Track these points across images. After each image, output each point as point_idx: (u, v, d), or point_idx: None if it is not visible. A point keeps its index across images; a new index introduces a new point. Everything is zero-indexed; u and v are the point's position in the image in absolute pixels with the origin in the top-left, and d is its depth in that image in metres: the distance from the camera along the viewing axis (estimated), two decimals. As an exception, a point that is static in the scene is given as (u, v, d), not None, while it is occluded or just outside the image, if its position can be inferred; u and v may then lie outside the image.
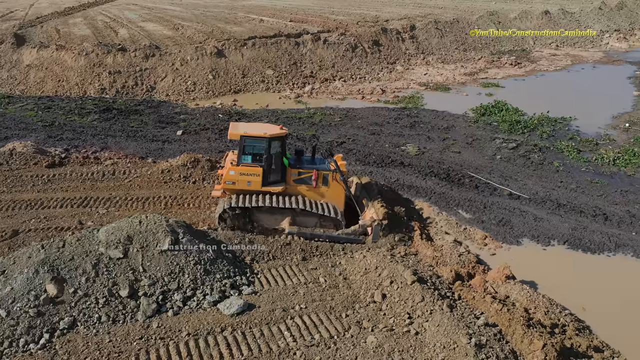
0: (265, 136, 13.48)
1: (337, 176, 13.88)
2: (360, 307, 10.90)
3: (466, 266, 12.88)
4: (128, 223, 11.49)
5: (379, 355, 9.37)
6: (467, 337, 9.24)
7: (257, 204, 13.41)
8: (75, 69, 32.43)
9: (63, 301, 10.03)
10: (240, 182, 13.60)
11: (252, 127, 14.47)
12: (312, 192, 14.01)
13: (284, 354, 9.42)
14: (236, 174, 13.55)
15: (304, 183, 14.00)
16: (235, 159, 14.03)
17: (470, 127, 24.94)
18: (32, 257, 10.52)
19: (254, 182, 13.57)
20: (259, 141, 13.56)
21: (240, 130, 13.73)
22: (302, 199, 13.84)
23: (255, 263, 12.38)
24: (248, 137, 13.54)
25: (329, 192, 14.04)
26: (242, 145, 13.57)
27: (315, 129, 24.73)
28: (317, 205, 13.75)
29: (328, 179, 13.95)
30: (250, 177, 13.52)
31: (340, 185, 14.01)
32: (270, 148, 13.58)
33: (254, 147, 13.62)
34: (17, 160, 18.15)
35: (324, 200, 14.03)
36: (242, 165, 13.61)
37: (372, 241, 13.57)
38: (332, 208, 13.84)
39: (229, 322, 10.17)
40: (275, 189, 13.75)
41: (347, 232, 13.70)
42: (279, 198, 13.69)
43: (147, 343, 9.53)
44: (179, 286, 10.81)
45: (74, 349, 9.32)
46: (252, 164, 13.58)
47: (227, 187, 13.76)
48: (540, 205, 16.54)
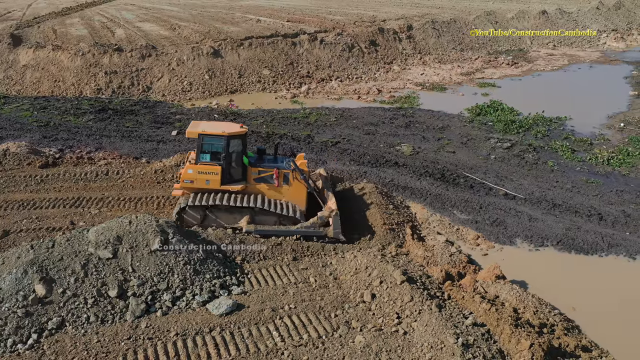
0: (223, 134, 13.39)
1: (297, 175, 13.81)
2: (349, 307, 10.90)
3: (457, 266, 12.89)
4: (118, 223, 11.49)
5: (367, 355, 9.37)
6: (455, 337, 9.24)
7: (214, 202, 13.33)
8: (71, 69, 32.42)
9: (52, 301, 10.03)
10: (199, 181, 13.57)
11: (212, 125, 14.34)
12: (273, 191, 13.96)
13: (272, 354, 9.42)
14: (194, 172, 13.51)
15: (264, 182, 13.95)
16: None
17: (465, 127, 24.94)
18: (21, 258, 10.52)
19: (212, 181, 13.53)
20: (217, 139, 13.50)
21: (199, 128, 13.63)
22: (262, 198, 13.77)
23: (246, 263, 12.38)
24: (206, 135, 13.45)
25: (291, 191, 13.99)
26: (200, 143, 13.50)
27: (310, 129, 24.73)
28: (276, 204, 13.68)
29: (289, 178, 13.90)
30: (209, 175, 13.48)
31: (302, 184, 13.95)
32: (229, 146, 13.51)
33: (212, 145, 13.55)
34: (11, 160, 18.16)
35: (285, 199, 13.98)
36: (200, 163, 13.56)
37: (333, 232, 13.45)
38: (292, 207, 13.78)
39: (218, 322, 10.17)
40: (234, 187, 13.68)
41: (305, 225, 13.53)
42: (237, 197, 13.62)
43: (135, 343, 9.53)
44: (168, 286, 10.81)
45: (62, 349, 9.32)
46: (211, 162, 13.53)
47: (186, 186, 13.69)
48: (536, 206, 16.54)
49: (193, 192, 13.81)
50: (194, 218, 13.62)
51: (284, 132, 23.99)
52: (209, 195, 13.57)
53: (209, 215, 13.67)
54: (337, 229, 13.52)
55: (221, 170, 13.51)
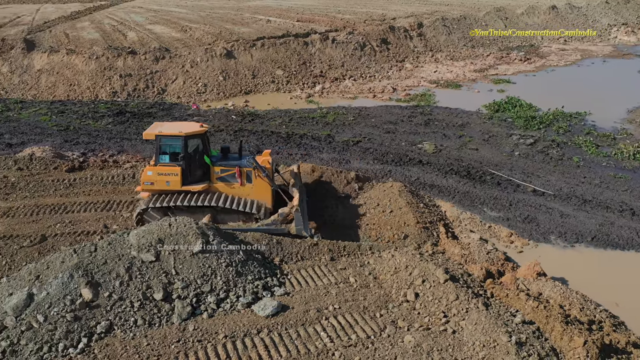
0: (180, 135, 13.17)
1: (259, 173, 13.61)
2: (393, 307, 10.85)
3: (495, 264, 12.82)
4: (158, 226, 11.48)
5: (418, 354, 9.32)
6: (507, 335, 9.18)
7: (174, 203, 13.14)
8: (86, 72, 32.50)
9: (98, 305, 10.03)
10: (159, 183, 13.36)
11: (171, 126, 14.04)
12: (237, 189, 13.78)
13: (323, 355, 9.38)
14: (154, 174, 13.30)
15: (227, 180, 13.77)
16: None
17: (485, 124, 24.84)
18: (65, 262, 10.53)
19: (172, 182, 13.31)
20: (175, 140, 13.26)
21: (156, 130, 13.40)
22: (223, 197, 13.58)
23: (284, 264, 12.35)
24: (163, 136, 13.26)
25: (255, 188, 13.79)
26: (158, 145, 13.31)
27: (330, 128, 24.69)
28: (239, 202, 13.49)
29: (251, 176, 13.71)
30: (169, 176, 13.27)
31: (265, 182, 13.79)
32: (188, 146, 13.32)
33: (170, 146, 13.35)
34: (37, 165, 18.21)
35: (251, 197, 13.78)
36: (159, 165, 13.36)
37: (295, 228, 13.23)
38: (254, 205, 13.58)
39: (265, 323, 10.14)
40: (196, 187, 13.48)
41: (266, 222, 13.34)
42: (199, 197, 13.44)
43: (185, 346, 9.51)
44: (212, 288, 10.79)
45: (113, 352, 9.31)
46: (170, 163, 13.32)
47: (146, 188, 13.49)
48: (566, 202, 16.44)
49: (155, 193, 13.56)
50: (154, 220, 13.25)
51: (303, 132, 23.96)
52: (170, 197, 13.36)
53: (170, 216, 13.30)
54: (300, 226, 13.23)
55: (181, 171, 13.26)
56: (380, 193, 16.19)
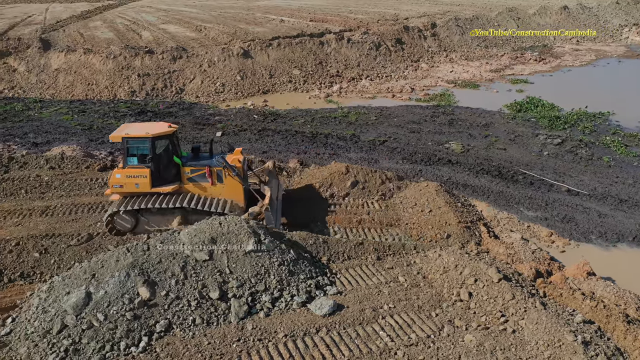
0: (147, 136, 12.92)
1: (230, 172, 13.42)
2: (447, 306, 10.81)
3: (542, 263, 12.78)
4: (209, 225, 11.44)
5: (482, 354, 9.29)
6: (572, 335, 9.14)
7: (145, 205, 12.92)
8: (104, 72, 32.49)
9: (156, 304, 9.98)
10: (128, 185, 13.12)
11: (138, 127, 13.77)
12: (209, 189, 13.59)
13: (385, 354, 9.34)
14: (122, 176, 13.08)
15: (198, 181, 13.57)
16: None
17: (509, 124, 24.81)
18: (120, 261, 10.49)
19: (142, 184, 13.09)
20: (142, 142, 13.00)
21: (123, 132, 13.18)
22: (194, 198, 13.39)
23: (332, 263, 12.32)
24: (130, 138, 13.02)
25: (226, 188, 13.59)
26: (125, 147, 13.07)
27: (354, 128, 24.67)
28: (210, 202, 13.30)
29: (222, 175, 13.51)
30: (138, 179, 13.07)
31: (236, 181, 13.59)
32: (155, 148, 13.11)
33: (138, 148, 13.11)
34: (69, 164, 18.17)
35: (223, 196, 13.60)
36: (128, 167, 13.15)
37: (266, 226, 12.99)
38: (226, 204, 13.39)
39: (322, 322, 10.10)
40: (166, 189, 13.26)
41: None
42: (169, 198, 13.23)
43: (246, 345, 9.47)
44: (266, 287, 10.75)
45: (174, 351, 9.27)
46: (138, 165, 13.10)
47: (116, 191, 13.28)
48: (602, 202, 16.41)
49: (125, 196, 13.35)
50: (126, 223, 13.23)
51: (328, 132, 23.94)
52: (140, 199, 13.15)
53: (141, 219, 13.30)
54: (271, 224, 13.15)
55: (150, 173, 13.05)
56: (417, 192, 16.15)
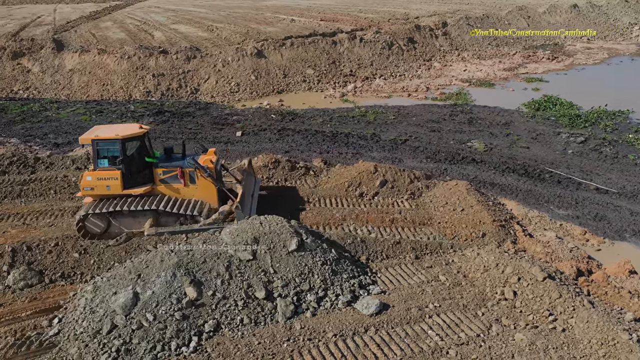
0: (117, 138, 12.78)
1: (202, 173, 13.27)
2: (492, 305, 10.76)
3: (581, 262, 12.72)
4: (250, 225, 11.41)
5: (535, 352, 9.24)
6: (627, 334, 9.09)
7: (114, 208, 12.81)
8: (118, 72, 32.46)
9: (203, 304, 9.96)
10: (99, 187, 13.01)
11: (107, 129, 13.64)
12: (181, 190, 13.48)
13: (437, 353, 9.30)
14: (93, 179, 12.97)
15: (170, 182, 13.44)
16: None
17: (529, 122, 24.73)
18: (164, 261, 10.46)
19: (113, 186, 12.96)
20: (112, 143, 12.86)
21: (93, 134, 13.08)
22: (165, 200, 13.25)
23: (371, 262, 12.28)
24: (100, 140, 12.90)
25: (199, 189, 13.46)
26: (95, 149, 12.96)
27: (373, 127, 24.60)
28: (181, 204, 13.19)
29: (194, 177, 13.40)
30: (109, 181, 12.96)
31: (209, 182, 13.43)
32: (126, 149, 12.99)
33: (108, 149, 12.98)
34: (95, 164, 18.11)
35: (194, 198, 13.50)
36: (98, 169, 13.03)
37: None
38: (197, 206, 13.25)
39: (370, 322, 10.07)
40: (137, 190, 13.12)
41: (207, 222, 12.99)
42: (140, 200, 13.11)
43: (297, 344, 9.44)
44: (310, 287, 10.71)
45: (225, 351, 9.25)
46: (109, 167, 13.03)
47: (87, 193, 13.16)
48: (632, 200, 16.34)
49: (97, 199, 13.23)
50: (97, 226, 13.09)
51: (348, 131, 23.87)
52: (111, 202, 13.03)
53: (113, 222, 13.18)
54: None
55: (121, 175, 12.92)
56: (446, 191, 16.10)
